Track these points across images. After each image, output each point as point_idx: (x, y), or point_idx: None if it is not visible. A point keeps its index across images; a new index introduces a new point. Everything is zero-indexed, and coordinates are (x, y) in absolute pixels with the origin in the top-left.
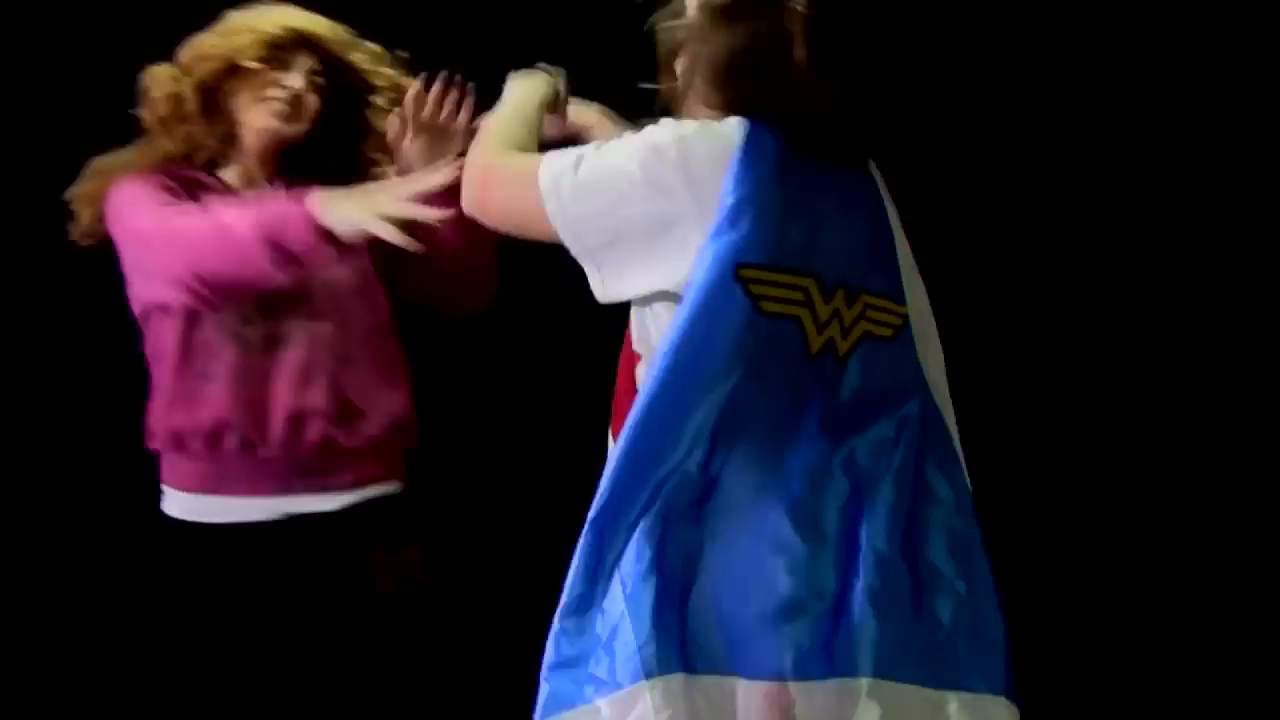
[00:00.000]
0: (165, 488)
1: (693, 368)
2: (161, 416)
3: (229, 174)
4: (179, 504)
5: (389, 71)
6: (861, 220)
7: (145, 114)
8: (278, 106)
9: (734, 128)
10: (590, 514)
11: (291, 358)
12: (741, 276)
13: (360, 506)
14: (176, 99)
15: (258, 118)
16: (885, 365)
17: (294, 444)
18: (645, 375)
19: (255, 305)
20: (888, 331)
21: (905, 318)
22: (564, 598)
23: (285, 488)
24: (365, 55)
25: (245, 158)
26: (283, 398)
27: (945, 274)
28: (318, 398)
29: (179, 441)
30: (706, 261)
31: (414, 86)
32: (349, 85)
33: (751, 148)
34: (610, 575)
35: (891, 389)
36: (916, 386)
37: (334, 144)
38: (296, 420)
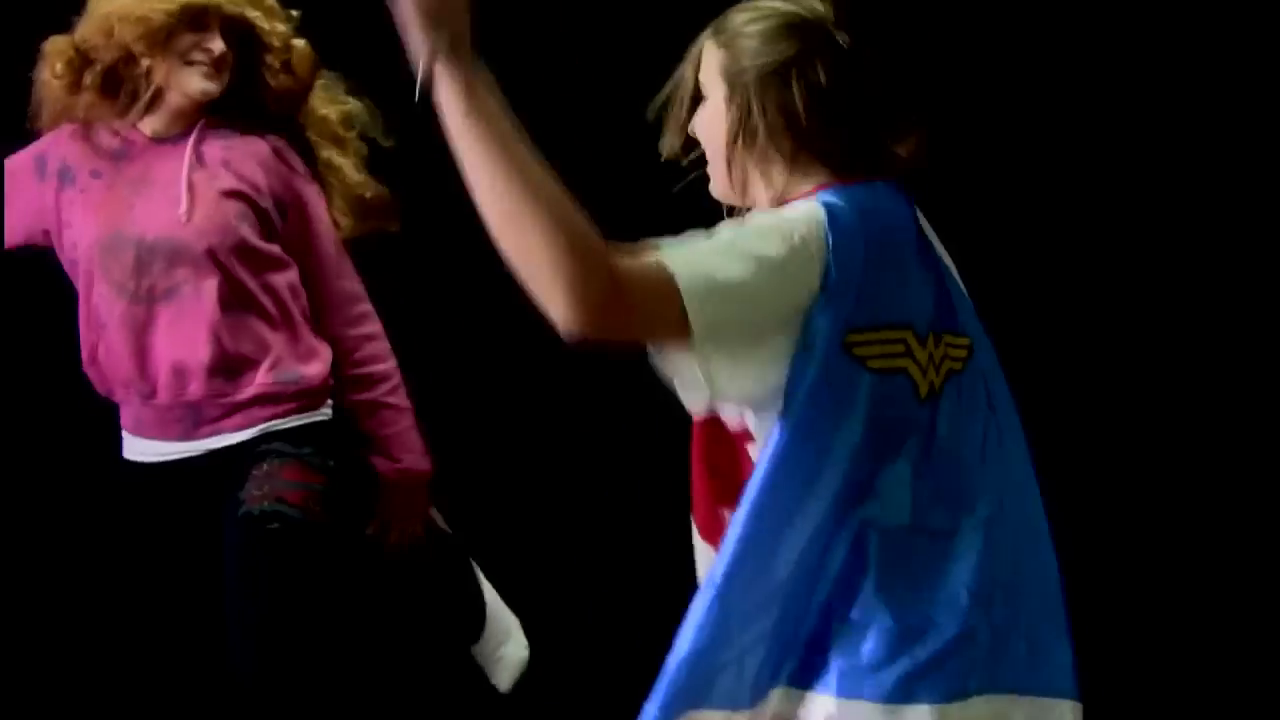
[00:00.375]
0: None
1: (816, 443)
2: (88, 365)
3: (149, 125)
4: (125, 444)
5: (282, 29)
6: (927, 254)
7: (49, 81)
8: (205, 69)
9: (814, 205)
10: (715, 590)
11: (172, 311)
12: (848, 343)
13: (260, 439)
14: (84, 65)
15: (188, 81)
16: (964, 398)
17: (179, 394)
18: (763, 456)
19: (138, 262)
20: (960, 365)
21: (970, 348)
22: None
23: (187, 434)
24: (260, 13)
25: (166, 112)
26: (163, 350)
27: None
28: (196, 351)
29: (105, 388)
30: (817, 338)
31: None
32: (247, 41)
33: (839, 221)
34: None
35: (969, 420)
36: (985, 412)
37: (234, 95)
38: (179, 372)
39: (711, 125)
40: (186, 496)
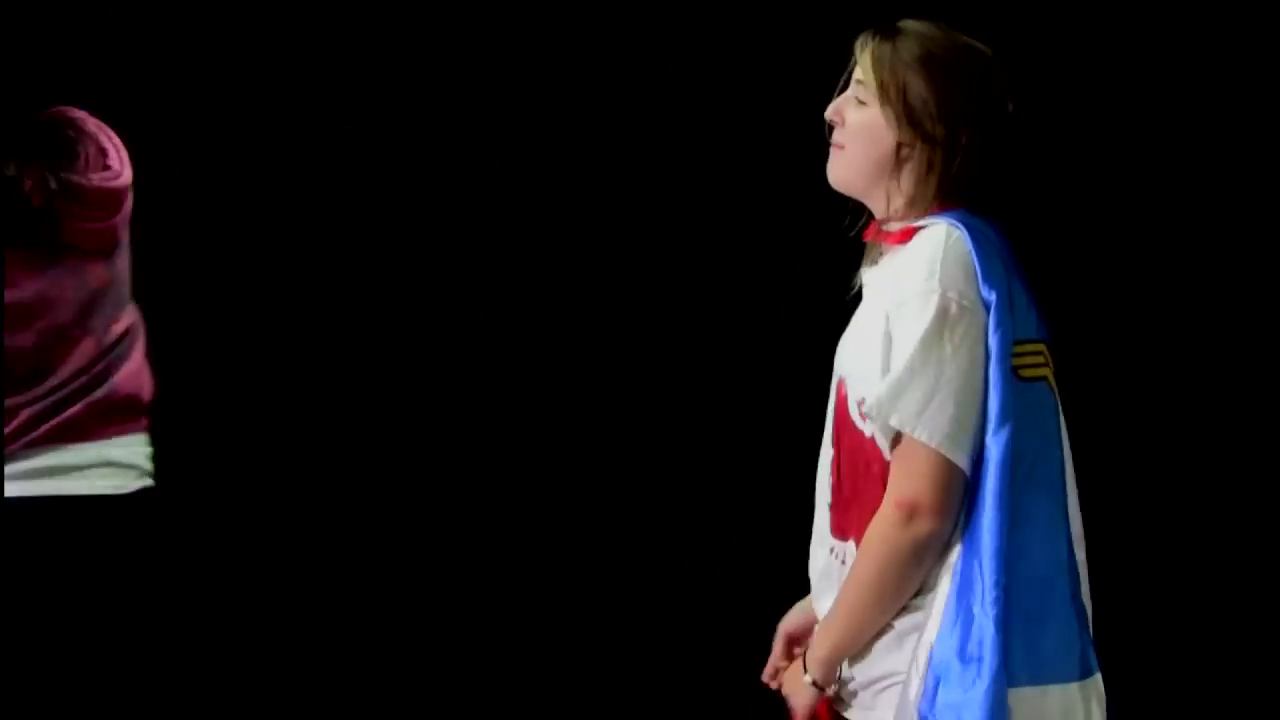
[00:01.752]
0: None
1: (1009, 452)
2: None
3: None
4: None
5: None
6: (1021, 271)
7: None
8: None
9: (952, 235)
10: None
11: None
12: (1008, 358)
13: None
14: None
15: None
16: (1046, 403)
17: None
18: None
19: None
20: (1049, 373)
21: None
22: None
23: None
24: None
25: None
26: None
27: None
28: None
29: None
30: (992, 358)
31: None
32: None
33: (979, 248)
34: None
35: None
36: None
37: None
38: None
39: (873, 132)
40: None
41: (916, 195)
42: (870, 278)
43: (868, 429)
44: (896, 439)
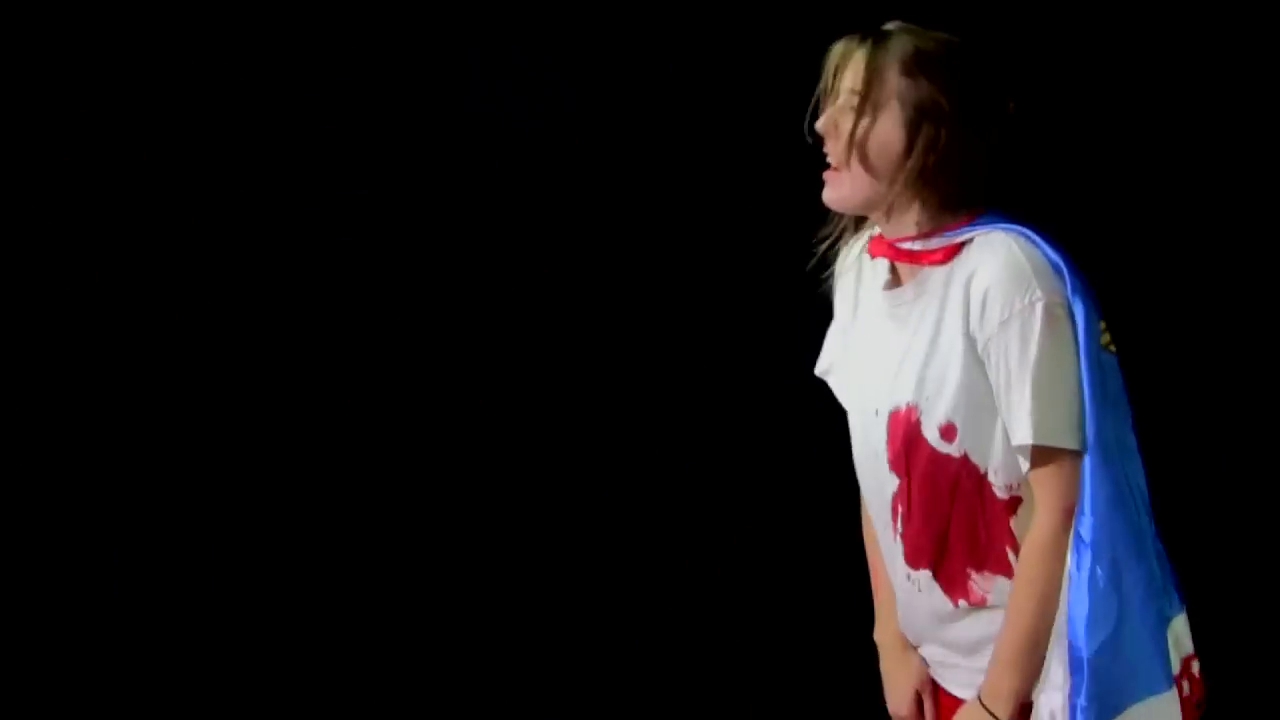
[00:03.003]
0: None
1: (1112, 424)
2: None
3: None
4: None
5: None
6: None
7: None
8: None
9: (1016, 240)
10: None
11: None
12: (1101, 343)
13: None
14: None
15: None
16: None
17: None
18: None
19: None
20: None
21: None
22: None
23: None
24: None
25: None
26: None
27: None
28: None
29: None
30: (1083, 337)
31: None
32: None
33: (1047, 251)
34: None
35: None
36: None
37: None
38: None
39: (879, 143)
40: None
41: (936, 205)
42: (909, 302)
43: (956, 449)
44: (1041, 455)
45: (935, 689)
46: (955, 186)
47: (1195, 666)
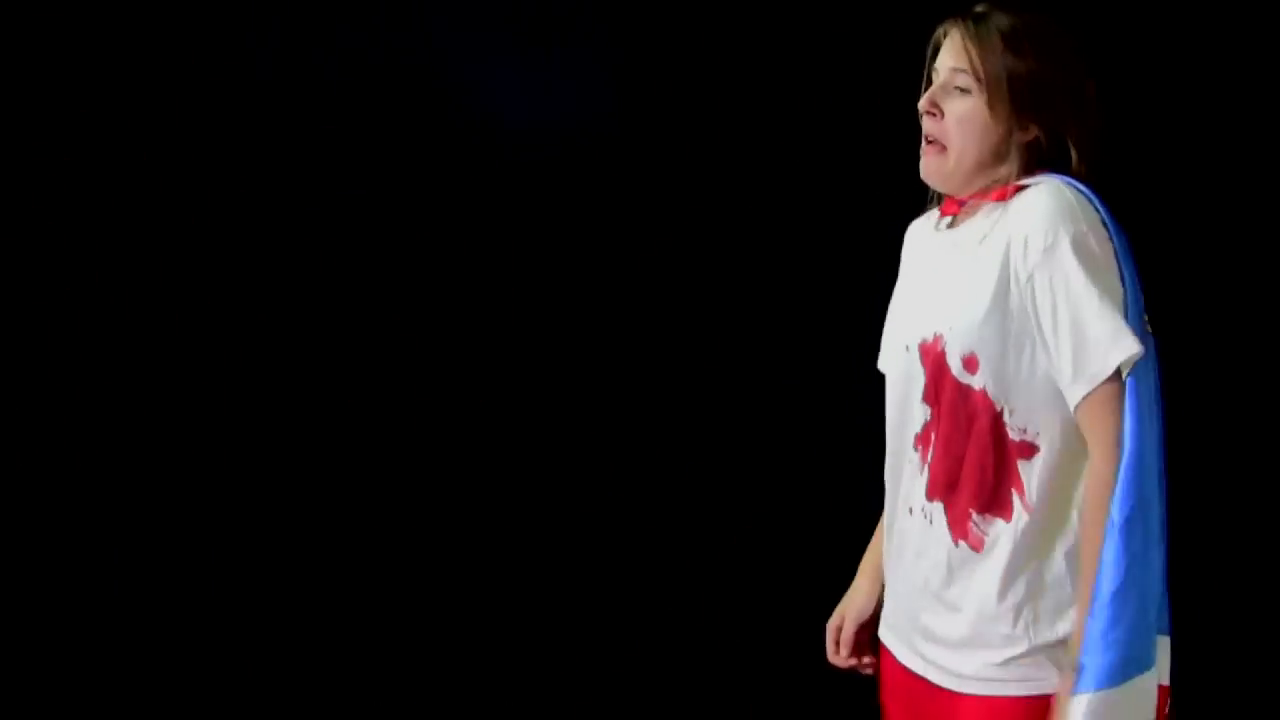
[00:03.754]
0: None
1: (1150, 401)
2: None
3: None
4: None
5: None
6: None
7: None
8: None
9: (1068, 189)
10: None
11: None
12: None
13: None
14: None
15: None
16: None
17: None
18: (1128, 439)
19: None
20: None
21: None
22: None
23: None
24: None
25: None
26: None
27: None
28: None
29: None
30: (1133, 304)
31: None
32: None
33: (1098, 201)
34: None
35: None
36: None
37: None
38: None
39: (982, 121)
40: None
41: (1018, 173)
42: (956, 236)
43: (977, 382)
44: (1097, 388)
45: (879, 646)
46: (1044, 161)
47: (1166, 702)
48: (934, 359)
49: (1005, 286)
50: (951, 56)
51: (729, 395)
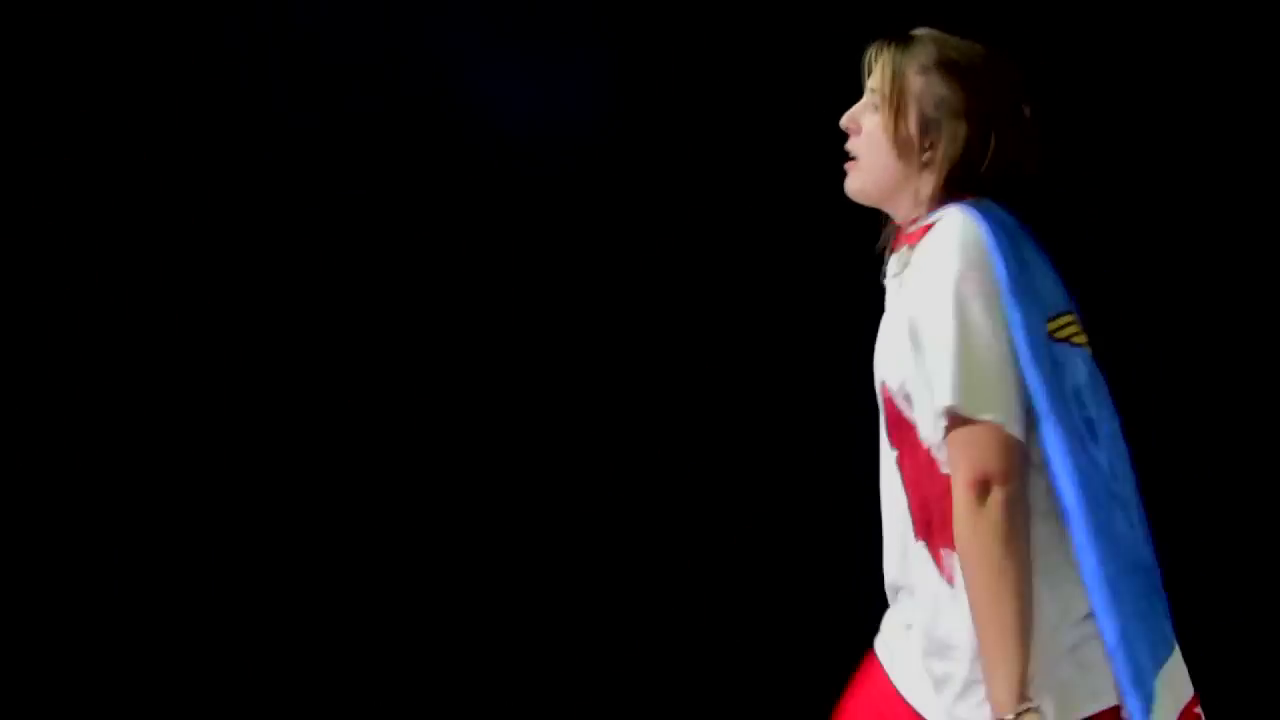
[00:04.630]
0: None
1: (1078, 421)
2: None
3: None
4: None
5: None
6: (1041, 250)
7: None
8: None
9: (965, 219)
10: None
11: None
12: (1051, 330)
13: None
14: None
15: None
16: (1094, 369)
17: None
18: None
19: None
20: (1085, 341)
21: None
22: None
23: None
24: None
25: None
26: None
27: None
28: None
29: None
30: (1022, 331)
31: None
32: None
33: (993, 229)
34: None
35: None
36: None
37: None
38: None
39: (884, 140)
40: None
41: (936, 195)
42: (895, 282)
43: (915, 420)
44: (951, 423)
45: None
46: (961, 181)
47: (1197, 709)
48: (887, 402)
49: (915, 326)
50: (871, 77)
51: (728, 395)
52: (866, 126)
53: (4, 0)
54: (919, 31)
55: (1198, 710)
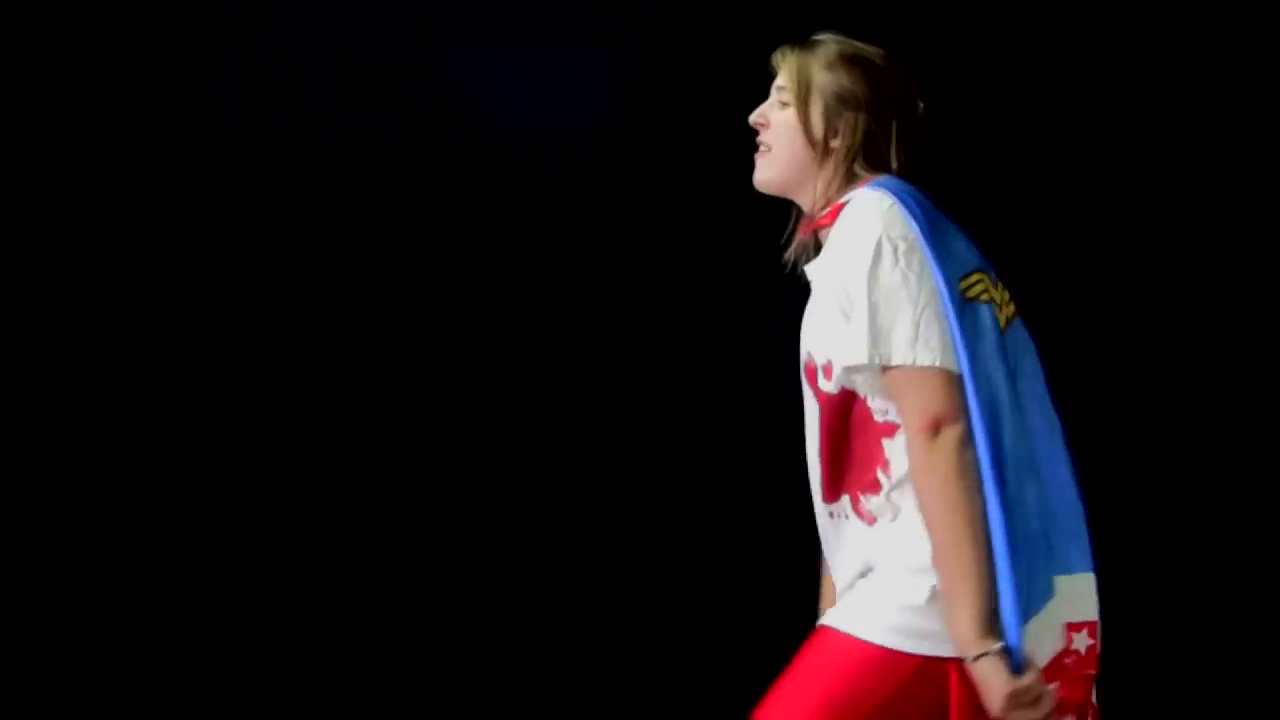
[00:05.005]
0: None
1: (989, 364)
2: None
3: None
4: None
5: None
6: (950, 220)
7: None
8: None
9: (877, 193)
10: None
11: None
12: (962, 289)
13: None
14: None
15: None
16: (1024, 334)
17: None
18: (975, 406)
19: None
20: (1014, 310)
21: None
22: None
23: None
24: None
25: None
26: None
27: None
28: None
29: None
30: (945, 295)
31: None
32: None
33: (904, 199)
34: None
35: (1029, 347)
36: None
37: None
38: None
39: (797, 128)
40: None
41: (841, 181)
42: (815, 264)
43: (833, 387)
44: (895, 374)
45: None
46: (864, 168)
47: (1085, 635)
48: (809, 374)
49: (845, 294)
50: (779, 75)
51: (729, 395)
52: (775, 120)
53: (10, 2)
54: (821, 35)
55: (1068, 661)
